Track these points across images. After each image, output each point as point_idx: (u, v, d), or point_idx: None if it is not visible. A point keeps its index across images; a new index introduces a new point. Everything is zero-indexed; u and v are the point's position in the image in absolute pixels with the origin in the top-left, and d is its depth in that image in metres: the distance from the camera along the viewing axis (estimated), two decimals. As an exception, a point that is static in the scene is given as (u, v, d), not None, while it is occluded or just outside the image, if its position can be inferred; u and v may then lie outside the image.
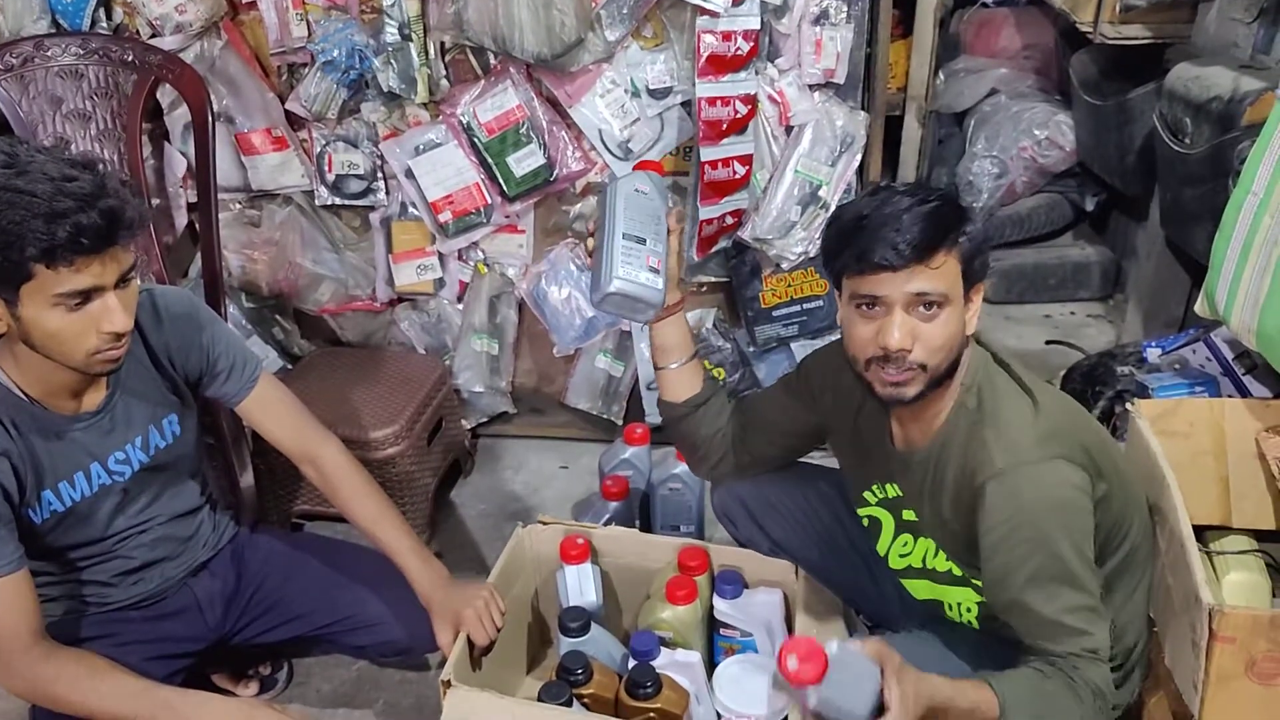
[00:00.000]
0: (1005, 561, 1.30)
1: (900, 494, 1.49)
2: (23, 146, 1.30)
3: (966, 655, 1.45)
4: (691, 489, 2.06)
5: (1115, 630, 1.45)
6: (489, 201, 2.28)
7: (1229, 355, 1.98)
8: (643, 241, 1.51)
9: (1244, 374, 1.95)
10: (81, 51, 2.07)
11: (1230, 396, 1.92)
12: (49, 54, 2.06)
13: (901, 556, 1.52)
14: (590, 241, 1.58)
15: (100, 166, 1.31)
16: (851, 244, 1.30)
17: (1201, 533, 1.72)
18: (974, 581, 1.42)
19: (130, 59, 2.08)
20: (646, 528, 2.09)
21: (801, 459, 1.76)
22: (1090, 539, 1.32)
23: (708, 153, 2.12)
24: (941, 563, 1.47)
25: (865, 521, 1.57)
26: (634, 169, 1.61)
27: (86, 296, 1.29)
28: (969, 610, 1.47)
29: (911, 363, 1.30)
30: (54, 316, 1.28)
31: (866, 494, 1.55)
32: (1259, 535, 1.76)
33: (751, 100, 2.10)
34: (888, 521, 1.53)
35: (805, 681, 1.15)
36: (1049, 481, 1.29)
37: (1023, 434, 1.32)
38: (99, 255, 1.27)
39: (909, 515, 1.49)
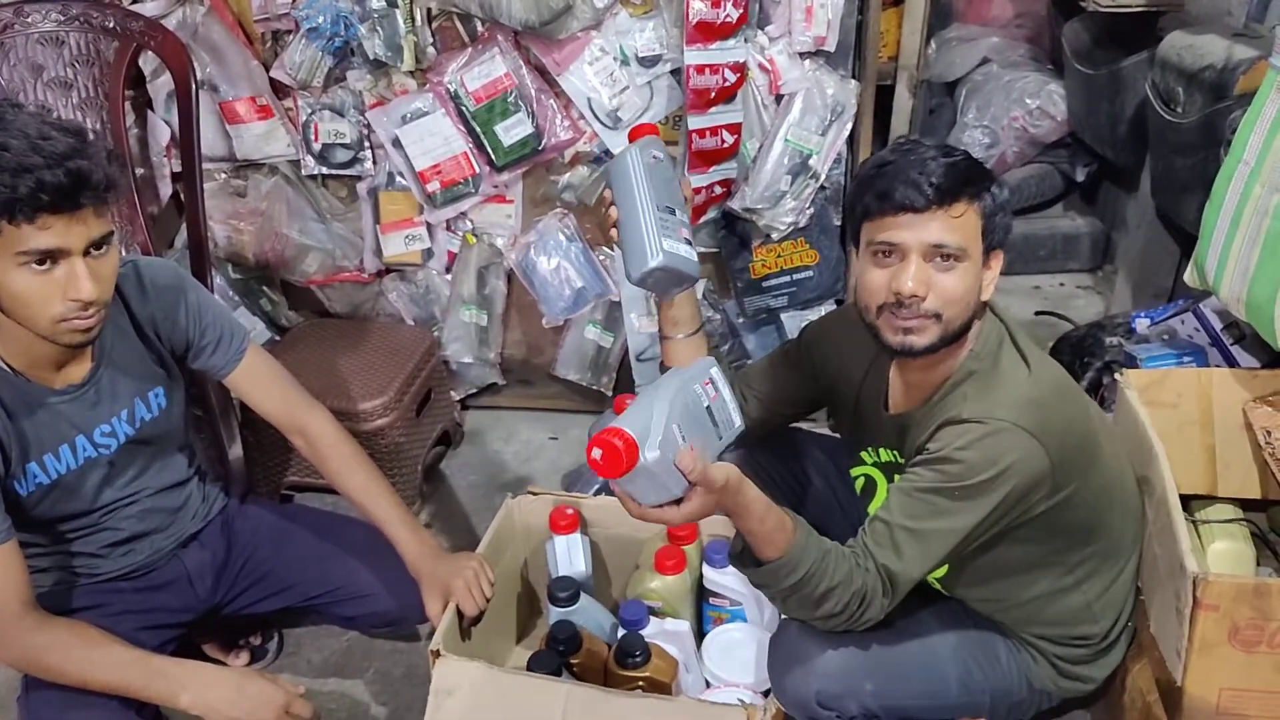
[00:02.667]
0: (922, 465, 1.32)
1: (894, 459, 1.49)
2: (11, 108, 1.28)
3: (932, 617, 1.48)
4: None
5: (1090, 613, 1.47)
6: (477, 171, 2.27)
7: (1217, 325, 1.98)
8: (673, 212, 1.46)
9: (1232, 344, 1.95)
10: (62, 18, 2.04)
11: (1218, 367, 1.93)
12: (29, 20, 2.03)
13: None
14: (613, 212, 1.48)
15: (89, 134, 1.30)
16: (873, 186, 1.30)
17: (1187, 502, 1.74)
18: None
19: (111, 25, 2.05)
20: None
21: (794, 424, 1.77)
22: (1003, 518, 1.32)
23: (695, 121, 2.10)
24: None
25: (861, 481, 1.58)
26: (632, 132, 1.56)
27: (52, 259, 1.27)
28: (935, 578, 1.49)
29: (925, 309, 1.30)
30: (20, 277, 1.27)
31: (864, 454, 1.55)
32: (1244, 504, 1.77)
33: (740, 68, 2.09)
34: (882, 483, 1.54)
35: (604, 476, 1.14)
36: (1004, 447, 1.28)
37: (1003, 402, 1.32)
38: (63, 215, 1.24)
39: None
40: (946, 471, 1.29)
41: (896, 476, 1.48)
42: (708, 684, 1.60)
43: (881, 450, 1.52)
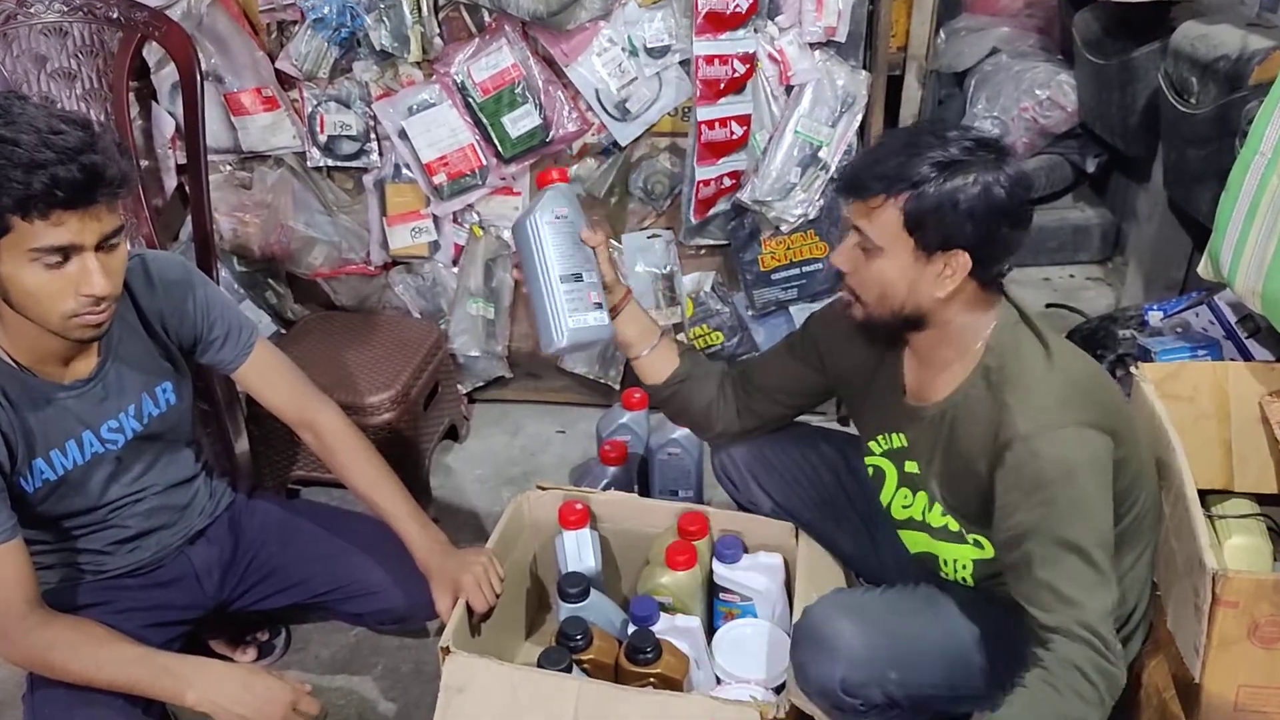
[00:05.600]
0: (1018, 521, 1.28)
1: (905, 445, 1.48)
2: (18, 101, 1.27)
3: (956, 606, 1.46)
4: (690, 453, 2.05)
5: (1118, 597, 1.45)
6: (484, 163, 2.25)
7: (1232, 318, 1.97)
8: (580, 278, 1.47)
9: (1247, 337, 1.94)
10: (65, 8, 2.02)
11: (1233, 360, 1.91)
12: (32, 10, 2.01)
13: (904, 508, 1.52)
14: (516, 273, 1.53)
15: (96, 126, 1.28)
16: None
17: (1203, 496, 1.72)
18: (971, 538, 1.42)
19: (115, 16, 2.03)
20: (645, 492, 2.08)
21: (801, 419, 1.76)
22: (1108, 508, 1.30)
23: (704, 112, 2.09)
24: (938, 517, 1.46)
25: (870, 471, 1.57)
26: (538, 179, 1.54)
27: (65, 255, 1.25)
28: (964, 568, 1.47)
29: (846, 284, 1.38)
30: (31, 273, 1.25)
31: (872, 443, 1.54)
32: (1260, 499, 1.76)
33: (750, 59, 2.07)
34: (891, 472, 1.53)
35: None
36: (1071, 445, 1.27)
37: (1046, 397, 1.30)
38: (77, 211, 1.23)
39: (911, 468, 1.49)
40: (1044, 503, 1.26)
41: (907, 464, 1.49)
42: (719, 680, 1.59)
43: (894, 436, 1.50)
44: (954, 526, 1.44)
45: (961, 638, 1.44)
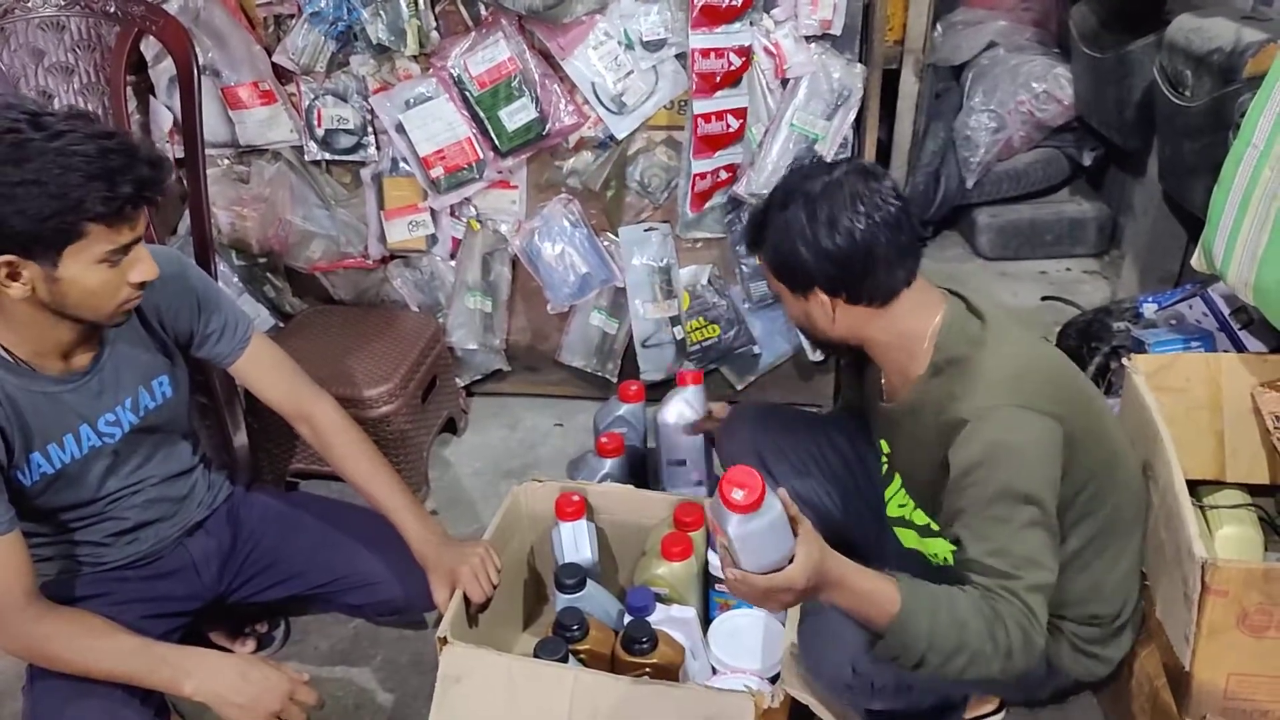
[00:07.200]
0: (952, 503, 1.31)
1: (891, 451, 1.51)
2: (36, 104, 1.29)
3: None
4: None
5: (1100, 593, 1.47)
6: (481, 157, 2.25)
7: (1225, 310, 1.97)
8: None
9: (1240, 329, 1.95)
10: (63, 2, 2.03)
11: (1226, 352, 1.92)
12: (29, 5, 2.02)
13: (900, 506, 1.55)
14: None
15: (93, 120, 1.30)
16: None
17: (1195, 487, 1.73)
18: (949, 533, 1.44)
19: (112, 10, 2.03)
20: (642, 484, 2.09)
21: (808, 408, 1.80)
22: (1053, 487, 1.31)
23: (701, 106, 2.09)
24: (921, 516, 1.49)
25: (885, 466, 1.59)
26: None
27: (127, 250, 1.31)
28: (946, 561, 1.48)
29: None
30: (96, 273, 1.29)
31: (881, 442, 1.58)
32: (1252, 490, 1.77)
33: (746, 52, 2.07)
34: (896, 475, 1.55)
35: (741, 509, 1.12)
36: (1007, 427, 1.29)
37: (989, 381, 1.33)
38: (146, 208, 1.30)
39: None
40: (980, 482, 1.28)
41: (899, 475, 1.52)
42: (714, 670, 1.60)
43: (882, 442, 1.54)
44: (934, 526, 1.46)
45: None
